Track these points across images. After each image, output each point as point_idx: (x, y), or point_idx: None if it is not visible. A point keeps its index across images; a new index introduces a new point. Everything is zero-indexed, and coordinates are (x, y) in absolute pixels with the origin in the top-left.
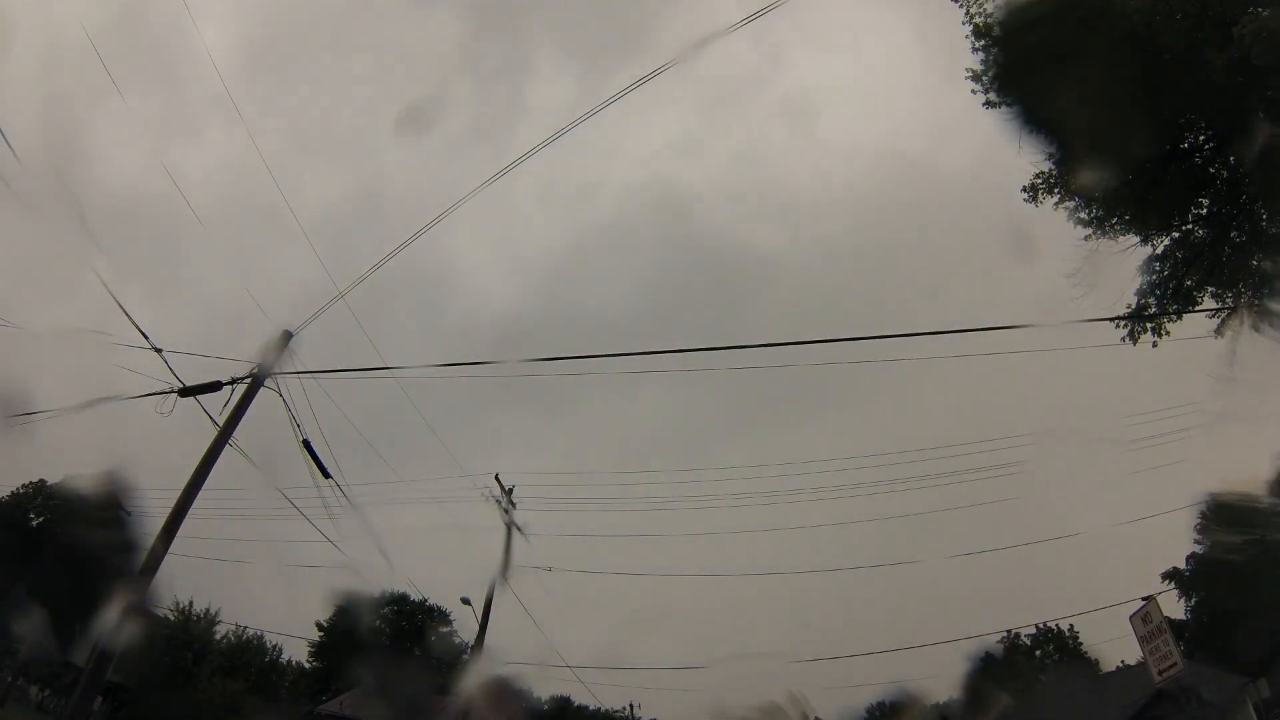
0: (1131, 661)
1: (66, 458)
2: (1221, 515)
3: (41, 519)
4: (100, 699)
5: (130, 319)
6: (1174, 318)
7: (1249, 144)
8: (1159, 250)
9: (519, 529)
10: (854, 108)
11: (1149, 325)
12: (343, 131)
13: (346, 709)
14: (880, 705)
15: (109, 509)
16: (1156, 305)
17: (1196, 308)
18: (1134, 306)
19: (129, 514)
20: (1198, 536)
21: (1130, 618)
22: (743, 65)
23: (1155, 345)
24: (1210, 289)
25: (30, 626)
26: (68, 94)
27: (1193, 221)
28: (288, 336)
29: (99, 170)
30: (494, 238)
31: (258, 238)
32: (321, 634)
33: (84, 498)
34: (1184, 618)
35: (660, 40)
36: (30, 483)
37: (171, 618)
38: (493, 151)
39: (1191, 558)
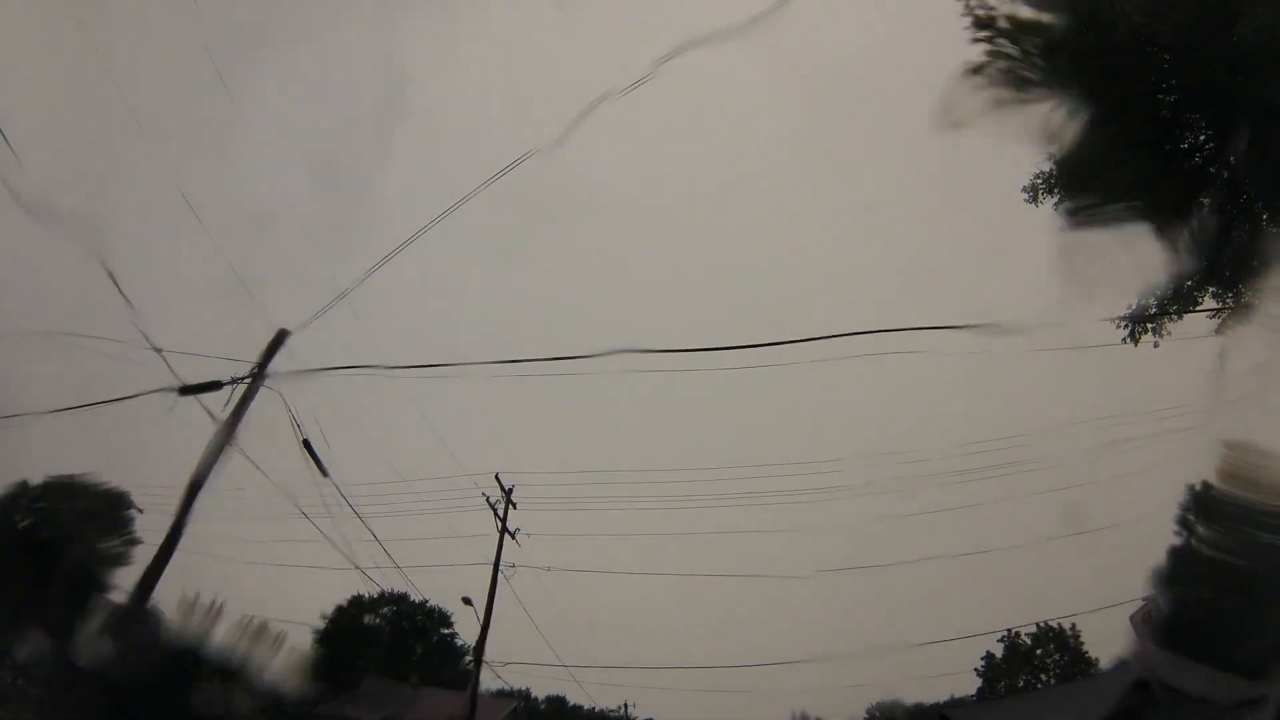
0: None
1: (68, 458)
2: (1205, 510)
3: (28, 521)
4: (104, 696)
5: (134, 320)
6: (1175, 318)
7: (1249, 143)
8: (1158, 250)
9: (510, 534)
10: None
11: (1149, 326)
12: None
13: (348, 706)
14: (881, 705)
15: (117, 507)
16: (1156, 306)
17: (1197, 308)
18: (1134, 307)
19: (140, 511)
20: (1178, 529)
21: (1131, 618)
22: None
23: (1156, 345)
24: (1211, 289)
25: (30, 627)
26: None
27: (1192, 221)
28: (283, 335)
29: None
30: None
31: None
32: (322, 634)
33: (86, 497)
34: (1179, 614)
35: None
36: (16, 483)
37: (179, 614)
38: None
39: (1172, 551)
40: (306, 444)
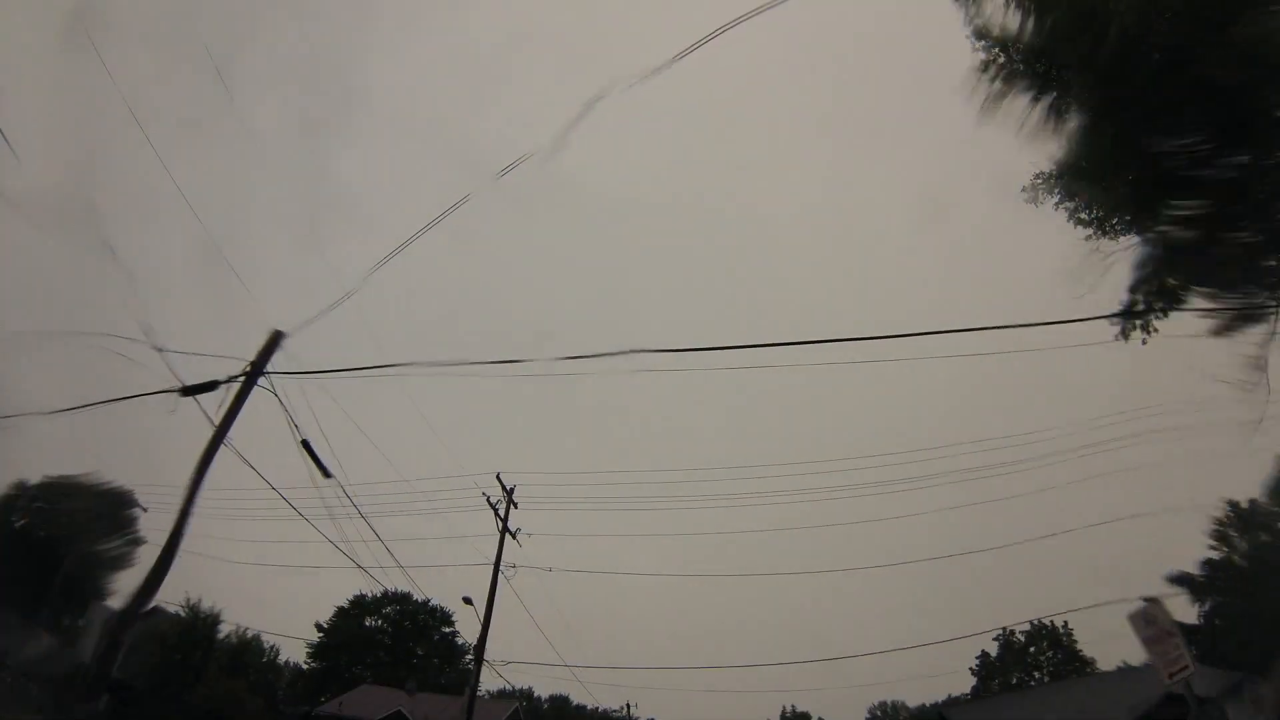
0: (1135, 662)
1: (68, 458)
2: (1243, 521)
3: (24, 521)
4: (106, 696)
5: (139, 318)
6: (1160, 315)
7: (1263, 142)
8: (1156, 250)
9: (512, 534)
10: None
11: (1138, 323)
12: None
13: (346, 709)
14: (882, 705)
15: (121, 506)
16: (1144, 303)
17: (1190, 307)
18: (1125, 305)
19: (144, 510)
20: (1214, 543)
21: (1129, 617)
22: None
23: (1144, 343)
24: (1209, 289)
25: (33, 626)
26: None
27: (1171, 221)
28: (279, 336)
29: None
30: None
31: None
32: (321, 635)
33: (88, 496)
34: (1196, 622)
35: None
36: (15, 483)
37: (182, 614)
38: None
39: (1207, 563)
40: (306, 445)
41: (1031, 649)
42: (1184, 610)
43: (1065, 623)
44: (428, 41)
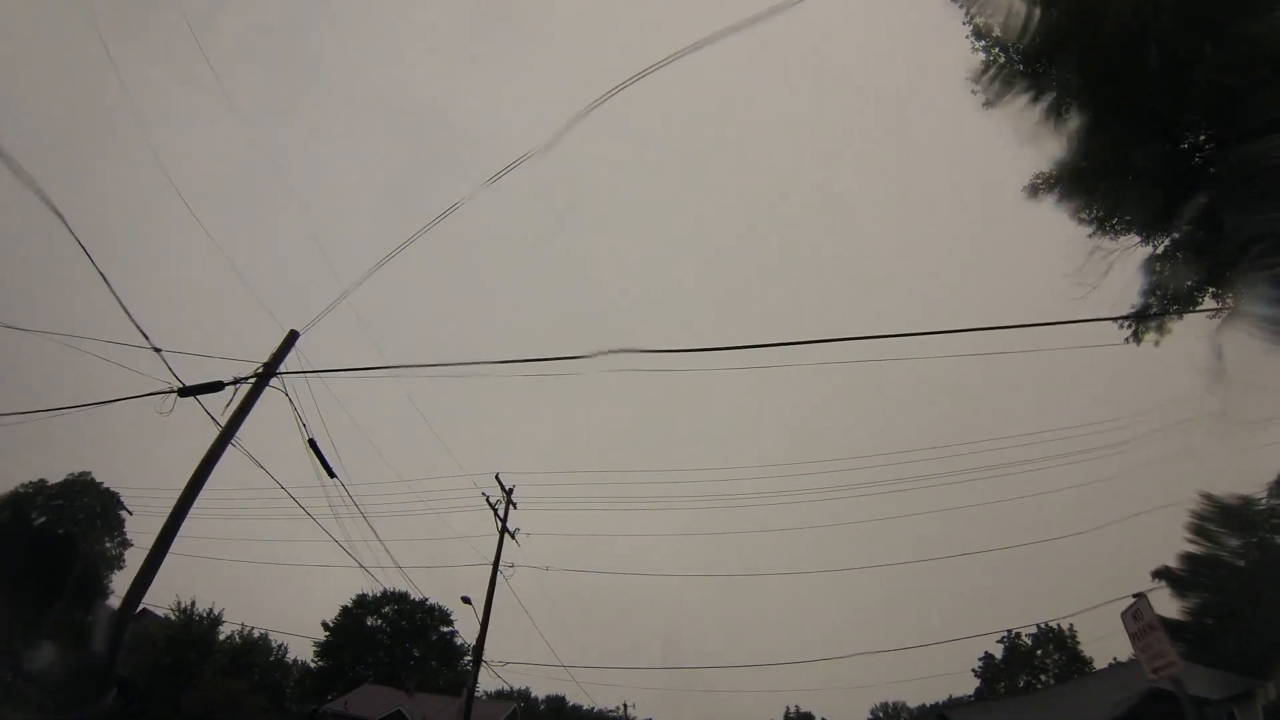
0: (1123, 658)
1: (66, 458)
2: (1217, 516)
3: (44, 519)
4: (114, 692)
5: (131, 318)
6: (1176, 318)
7: (1252, 144)
8: (1159, 250)
9: (511, 534)
10: None
11: (1152, 325)
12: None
13: (351, 708)
14: (884, 705)
15: (108, 509)
16: (1158, 305)
17: (1197, 308)
18: (1137, 307)
19: (130, 513)
20: (1192, 537)
21: (1121, 615)
22: None
23: (1156, 344)
24: (1211, 289)
25: (32, 627)
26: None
27: (1190, 222)
28: (294, 336)
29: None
30: None
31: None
32: (328, 634)
33: (95, 495)
34: (1178, 618)
35: None
36: (31, 482)
37: (173, 618)
38: None
39: (1187, 558)
40: (312, 444)
41: (1039, 652)
42: (1165, 605)
43: (1070, 625)
44: (392, 15)
